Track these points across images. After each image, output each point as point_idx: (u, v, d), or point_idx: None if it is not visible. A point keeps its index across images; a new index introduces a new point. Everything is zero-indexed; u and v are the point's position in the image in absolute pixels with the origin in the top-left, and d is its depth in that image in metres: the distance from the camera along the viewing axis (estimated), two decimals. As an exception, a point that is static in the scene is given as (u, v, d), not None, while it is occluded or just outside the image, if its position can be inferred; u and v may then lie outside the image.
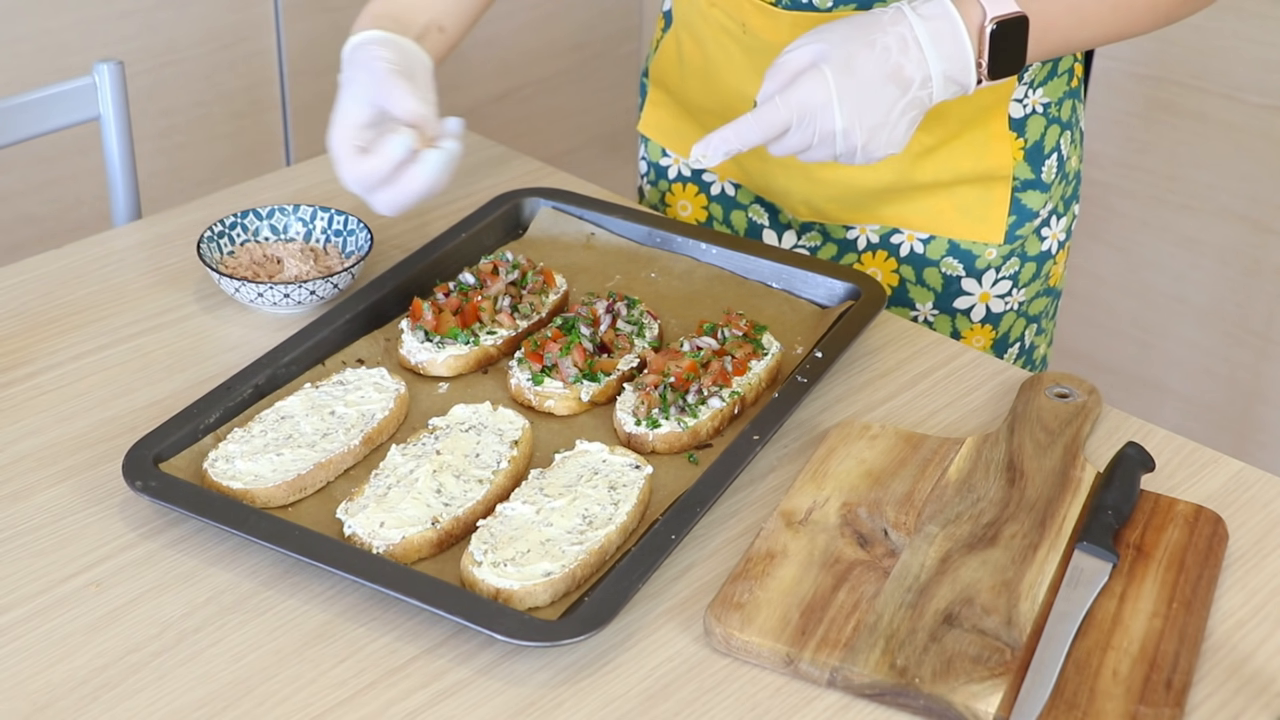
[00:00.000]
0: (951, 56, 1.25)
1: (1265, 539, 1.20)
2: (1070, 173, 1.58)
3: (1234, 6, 2.50)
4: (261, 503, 1.19)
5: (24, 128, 1.72)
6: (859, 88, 1.23)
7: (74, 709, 1.04)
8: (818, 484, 1.22)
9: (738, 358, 1.32)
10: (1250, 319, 2.65)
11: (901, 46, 1.24)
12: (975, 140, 1.51)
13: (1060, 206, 1.58)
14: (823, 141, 1.25)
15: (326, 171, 1.70)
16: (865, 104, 1.24)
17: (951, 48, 1.25)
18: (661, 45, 1.65)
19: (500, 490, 1.20)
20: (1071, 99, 1.55)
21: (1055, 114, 1.53)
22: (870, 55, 1.24)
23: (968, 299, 1.57)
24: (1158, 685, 1.04)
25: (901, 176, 1.52)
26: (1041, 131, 1.53)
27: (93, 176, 2.47)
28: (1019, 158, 1.52)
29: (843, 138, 1.24)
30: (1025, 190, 1.53)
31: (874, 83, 1.24)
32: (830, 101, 1.23)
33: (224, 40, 2.61)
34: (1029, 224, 1.55)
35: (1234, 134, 2.57)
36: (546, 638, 1.06)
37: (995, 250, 1.54)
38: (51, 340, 1.41)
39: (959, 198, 1.53)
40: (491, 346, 1.37)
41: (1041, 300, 1.62)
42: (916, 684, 1.04)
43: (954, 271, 1.56)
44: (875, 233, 1.57)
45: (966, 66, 1.26)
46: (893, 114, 1.25)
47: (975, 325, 1.58)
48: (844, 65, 1.24)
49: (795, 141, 1.26)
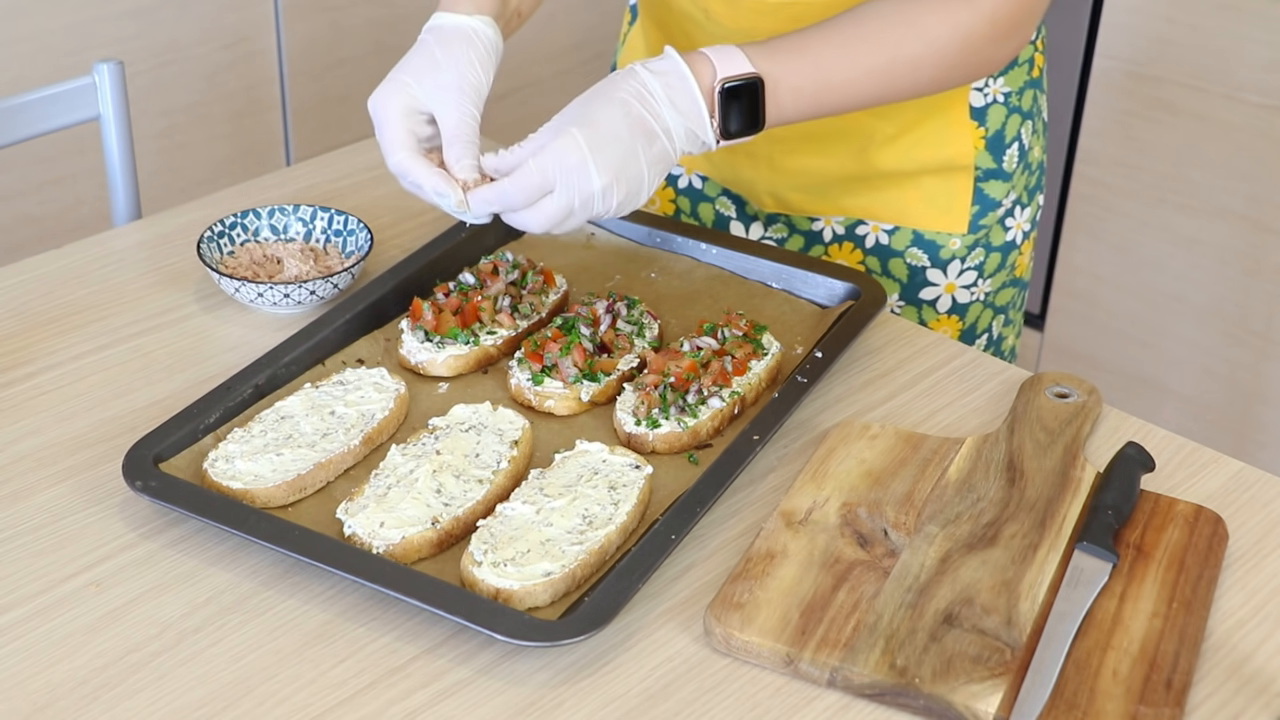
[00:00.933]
0: (688, 112, 1.25)
1: (1265, 539, 1.20)
2: (1033, 163, 1.59)
3: (1234, 6, 2.50)
4: (261, 503, 1.19)
5: (24, 128, 1.72)
6: (609, 142, 1.23)
7: (74, 709, 1.04)
8: (818, 484, 1.22)
9: (738, 358, 1.32)
10: (1250, 319, 2.65)
11: (640, 99, 1.24)
12: (936, 129, 1.52)
13: (1024, 196, 1.59)
14: (584, 204, 1.24)
15: (326, 171, 1.70)
16: (618, 158, 1.23)
17: (686, 103, 1.25)
18: (628, 38, 1.67)
19: (500, 490, 1.20)
20: (1033, 89, 1.56)
21: (1016, 103, 1.54)
22: (612, 111, 1.24)
23: (933, 290, 1.58)
24: (1158, 685, 1.04)
25: (863, 165, 1.53)
26: (1002, 121, 1.53)
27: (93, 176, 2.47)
28: (980, 147, 1.53)
29: (601, 197, 1.23)
30: (988, 180, 1.54)
31: (621, 136, 1.23)
32: (585, 160, 1.22)
33: (224, 40, 2.61)
34: (992, 214, 1.56)
35: (1234, 134, 2.57)
36: (546, 638, 1.06)
37: (959, 240, 1.56)
38: (51, 340, 1.41)
39: (922, 188, 1.54)
40: (491, 346, 1.37)
41: (1008, 291, 1.63)
42: (916, 684, 1.04)
43: (919, 262, 1.57)
44: (841, 224, 1.58)
45: (703, 123, 1.26)
46: (643, 166, 1.24)
47: (942, 316, 1.59)
48: (589, 123, 1.23)
49: (557, 207, 1.24)
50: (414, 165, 1.30)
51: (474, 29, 1.35)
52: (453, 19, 1.35)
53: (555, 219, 1.25)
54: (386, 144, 1.32)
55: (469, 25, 1.35)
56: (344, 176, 1.69)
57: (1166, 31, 2.59)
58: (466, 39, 1.34)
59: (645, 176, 1.25)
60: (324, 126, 2.80)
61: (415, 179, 1.30)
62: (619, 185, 1.23)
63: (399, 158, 1.31)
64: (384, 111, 1.32)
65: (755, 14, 1.45)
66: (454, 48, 1.34)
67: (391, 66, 1.35)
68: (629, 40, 1.68)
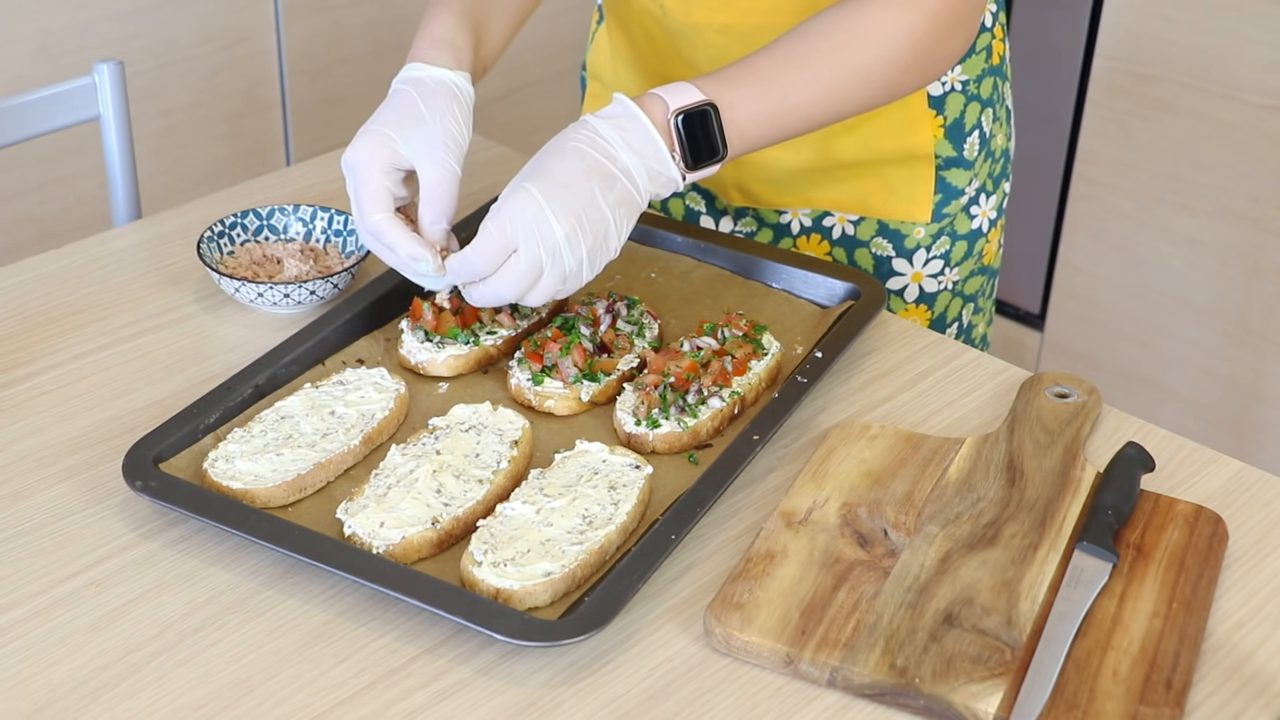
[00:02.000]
0: (645, 151, 1.24)
1: (1265, 539, 1.20)
2: (997, 150, 1.60)
3: (1234, 6, 2.50)
4: (261, 503, 1.19)
5: (24, 128, 1.72)
6: (564, 190, 1.21)
7: (74, 709, 1.04)
8: (818, 484, 1.22)
9: (738, 358, 1.32)
10: (1250, 319, 2.65)
11: (593, 145, 1.23)
12: (894, 118, 1.52)
13: (989, 184, 1.59)
14: (551, 257, 1.22)
15: (326, 171, 1.70)
16: (576, 204, 1.21)
17: (642, 142, 1.24)
18: (596, 37, 1.68)
19: (500, 490, 1.20)
20: (992, 76, 1.57)
21: (975, 91, 1.55)
22: (565, 160, 1.23)
23: (900, 279, 1.59)
24: (1158, 685, 1.04)
25: (824, 156, 1.54)
26: (961, 109, 1.54)
27: (93, 176, 2.47)
28: (939, 135, 1.54)
29: (568, 246, 1.21)
30: (949, 168, 1.55)
31: (577, 182, 1.22)
32: (543, 210, 1.20)
33: (224, 40, 2.61)
34: (955, 202, 1.57)
35: (1234, 134, 2.57)
36: (546, 638, 1.06)
37: (923, 229, 1.56)
38: (51, 340, 1.41)
39: (884, 178, 1.55)
40: (491, 346, 1.37)
41: (977, 279, 1.64)
42: (916, 684, 1.04)
43: (884, 252, 1.58)
44: (807, 216, 1.59)
45: (662, 159, 1.25)
46: (605, 210, 1.22)
47: (910, 305, 1.60)
48: (543, 175, 1.22)
49: (523, 264, 1.22)
50: (391, 229, 1.29)
51: (456, 84, 1.34)
52: (434, 71, 1.34)
53: (524, 279, 1.23)
54: (365, 202, 1.30)
55: (452, 80, 1.34)
56: (344, 176, 1.69)
57: (1166, 31, 2.59)
58: (450, 94, 1.33)
59: (610, 220, 1.23)
60: (324, 126, 2.80)
61: (390, 242, 1.29)
62: (583, 231, 1.22)
63: (377, 219, 1.29)
64: (365, 168, 1.30)
65: (707, 9, 1.46)
66: (438, 102, 1.32)
67: (391, 66, 1.35)
68: (596, 40, 1.68)
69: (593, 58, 1.69)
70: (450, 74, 1.34)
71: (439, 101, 1.32)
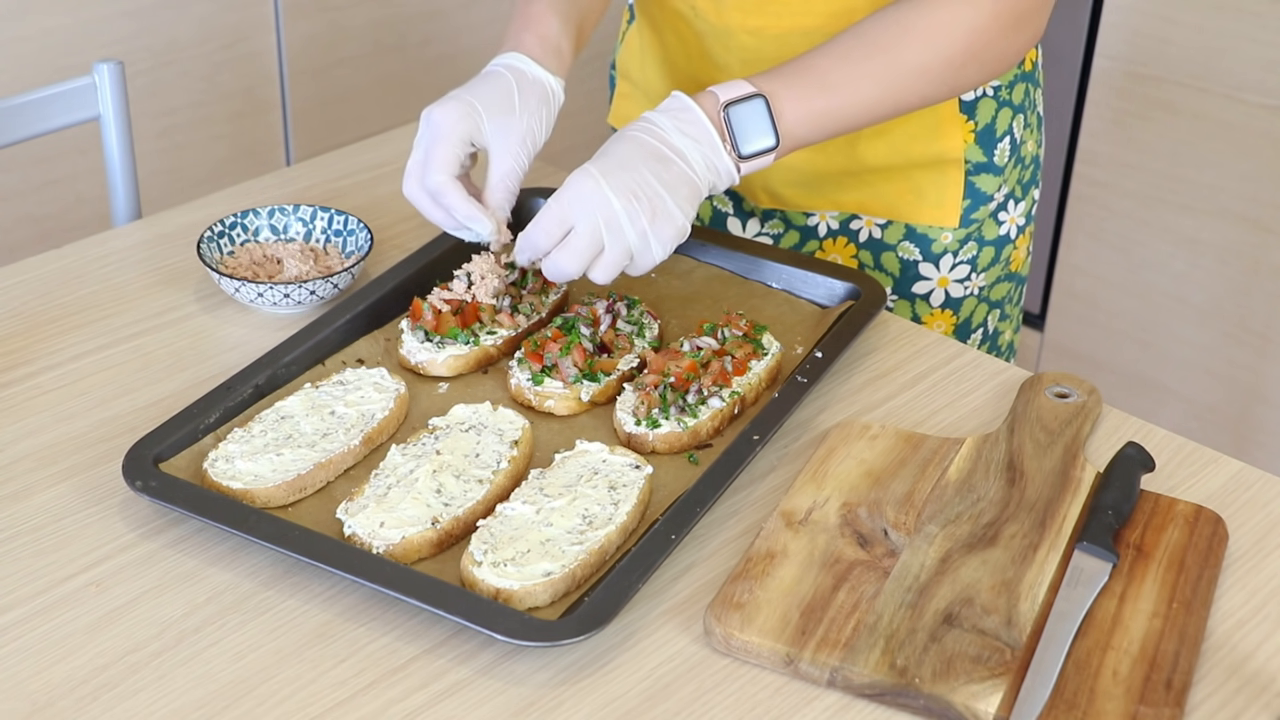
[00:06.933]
0: (700, 138, 1.27)
1: (1265, 539, 1.20)
2: (1027, 157, 1.59)
3: (1234, 6, 2.50)
4: (261, 503, 1.19)
5: (24, 128, 1.72)
6: (620, 167, 1.25)
7: (74, 709, 1.04)
8: (818, 484, 1.22)
9: (738, 358, 1.32)
10: (1250, 319, 2.65)
11: (648, 132, 1.27)
12: (925, 122, 1.52)
13: (1018, 191, 1.59)
14: (611, 230, 1.25)
15: (326, 171, 1.70)
16: (631, 179, 1.25)
17: (696, 130, 1.27)
18: (626, 36, 1.69)
19: (500, 490, 1.20)
20: (1025, 83, 1.56)
21: (1006, 97, 1.54)
22: (622, 145, 1.27)
23: (926, 284, 1.59)
24: (1158, 685, 1.04)
25: (853, 159, 1.54)
26: (993, 114, 1.54)
27: (93, 176, 2.47)
28: (970, 140, 1.53)
29: (626, 217, 1.24)
30: (978, 173, 1.55)
31: (633, 161, 1.25)
32: (599, 185, 1.24)
33: (224, 40, 2.61)
34: (984, 207, 1.56)
35: (1234, 134, 2.57)
36: (546, 638, 1.06)
37: (951, 234, 1.56)
38: (51, 340, 1.41)
39: (913, 181, 1.55)
40: (491, 346, 1.37)
41: (1004, 285, 1.64)
42: (916, 684, 1.04)
43: (911, 256, 1.57)
44: (835, 219, 1.59)
45: (716, 148, 1.28)
46: (659, 186, 1.26)
47: (935, 310, 1.60)
48: (603, 158, 1.26)
49: (584, 239, 1.25)
50: (451, 191, 1.33)
51: (553, 89, 1.39)
52: (537, 70, 1.38)
53: (585, 252, 1.26)
54: (434, 160, 1.33)
55: (550, 84, 1.39)
56: (344, 176, 1.69)
57: (1166, 31, 2.59)
58: (544, 96, 1.38)
59: (666, 197, 1.25)
60: (324, 126, 2.80)
61: (449, 204, 1.33)
62: (639, 203, 1.24)
63: (440, 179, 1.33)
64: (448, 129, 1.34)
65: (739, 10, 1.47)
66: (532, 99, 1.37)
67: (391, 66, 1.35)
68: (626, 39, 1.69)
69: (622, 57, 1.70)
70: (550, 78, 1.39)
71: (532, 100, 1.37)
